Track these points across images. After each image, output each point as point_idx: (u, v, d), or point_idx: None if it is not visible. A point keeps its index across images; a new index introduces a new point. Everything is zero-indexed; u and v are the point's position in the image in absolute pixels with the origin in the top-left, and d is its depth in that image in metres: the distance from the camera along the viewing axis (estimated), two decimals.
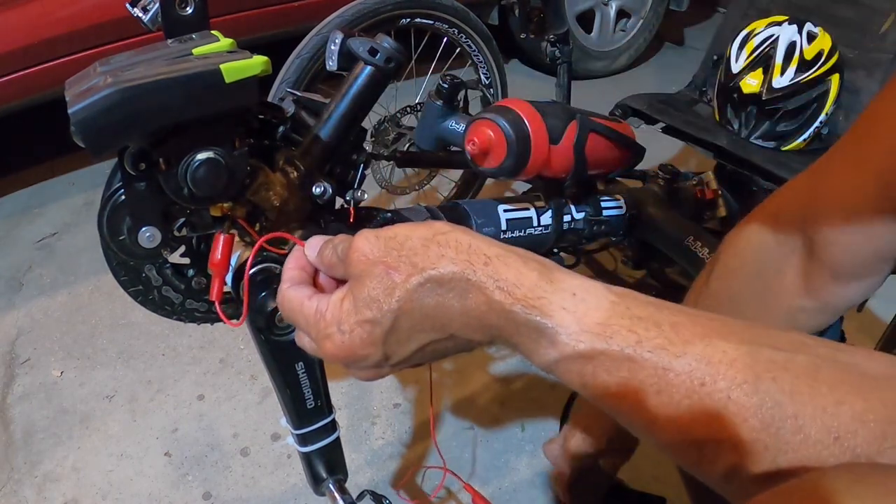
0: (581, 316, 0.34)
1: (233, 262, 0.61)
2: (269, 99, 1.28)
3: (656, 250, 1.10)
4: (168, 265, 0.66)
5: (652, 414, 0.33)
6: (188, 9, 0.61)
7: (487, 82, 1.58)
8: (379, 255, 0.39)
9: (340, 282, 0.44)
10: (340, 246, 0.43)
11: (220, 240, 0.59)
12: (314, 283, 0.47)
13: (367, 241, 0.40)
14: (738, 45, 1.31)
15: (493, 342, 0.38)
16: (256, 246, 0.51)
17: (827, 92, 1.25)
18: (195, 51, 0.51)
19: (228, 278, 0.61)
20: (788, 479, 0.29)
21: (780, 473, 0.29)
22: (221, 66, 0.48)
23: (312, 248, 0.46)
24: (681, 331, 0.33)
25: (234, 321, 0.59)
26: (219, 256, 0.58)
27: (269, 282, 0.63)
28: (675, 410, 0.32)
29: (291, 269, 0.47)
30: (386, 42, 0.62)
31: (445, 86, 0.93)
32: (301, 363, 0.68)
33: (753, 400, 0.30)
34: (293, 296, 0.44)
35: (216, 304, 0.58)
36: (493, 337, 0.38)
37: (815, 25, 1.28)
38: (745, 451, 0.30)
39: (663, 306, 0.35)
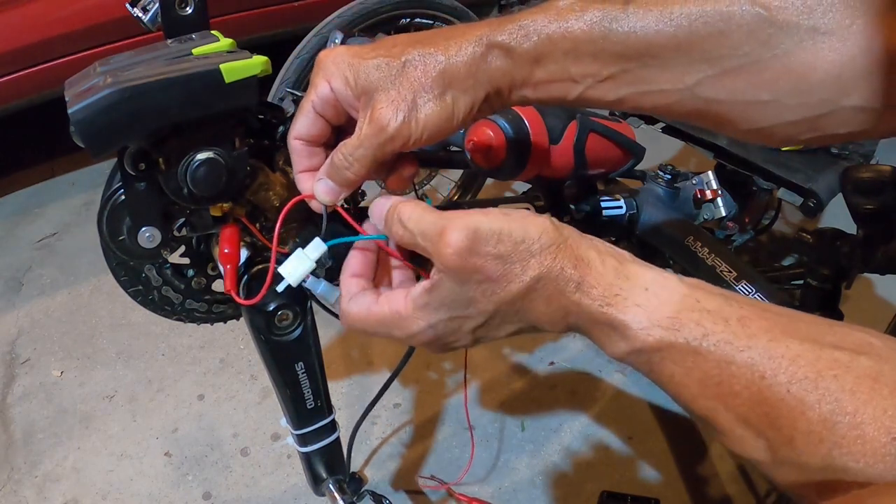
0: (652, 311, 0.36)
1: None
2: (269, 99, 1.28)
3: (656, 250, 1.10)
4: (168, 265, 0.66)
5: (712, 402, 0.34)
6: (188, 9, 0.61)
7: None
8: (474, 256, 0.38)
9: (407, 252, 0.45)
10: (424, 230, 0.41)
11: (226, 233, 0.59)
12: (374, 275, 0.47)
13: (461, 239, 0.38)
14: None
15: (570, 331, 0.41)
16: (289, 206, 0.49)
17: None
18: (195, 51, 0.51)
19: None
20: (840, 474, 0.29)
21: (833, 467, 0.30)
22: (221, 66, 0.48)
23: (378, 216, 0.45)
24: (747, 325, 0.34)
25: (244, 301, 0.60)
26: (227, 249, 0.59)
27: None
28: (734, 400, 0.33)
29: (347, 278, 0.47)
30: None
31: None
32: (301, 363, 0.68)
33: (813, 395, 0.31)
34: (357, 309, 0.45)
35: (232, 292, 0.58)
36: (571, 328, 0.40)
37: None
38: (801, 442, 0.31)
39: (733, 299, 0.36)
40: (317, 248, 0.48)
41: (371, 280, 0.48)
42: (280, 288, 0.49)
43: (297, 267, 0.48)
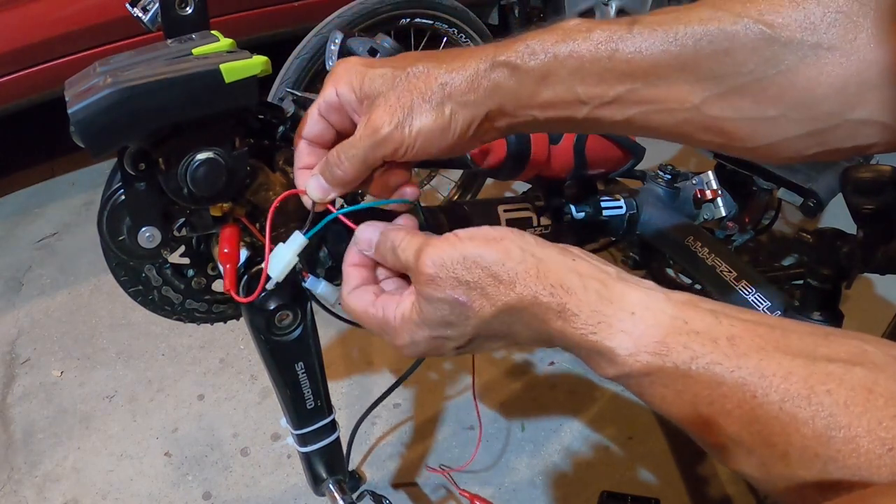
0: (639, 336, 0.36)
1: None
2: (269, 99, 1.28)
3: (656, 250, 1.10)
4: (168, 265, 0.66)
5: (704, 422, 0.34)
6: (188, 9, 0.61)
7: None
8: (448, 283, 0.40)
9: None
10: (404, 254, 0.43)
11: (226, 233, 0.59)
12: (374, 272, 0.48)
13: (433, 267, 0.40)
14: None
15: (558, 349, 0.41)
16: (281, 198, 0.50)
17: None
18: (195, 51, 0.51)
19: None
20: (838, 487, 0.29)
21: (830, 481, 0.30)
22: (221, 66, 0.48)
23: (366, 243, 0.47)
24: (737, 344, 0.34)
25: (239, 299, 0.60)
26: (227, 249, 0.59)
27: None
28: (726, 419, 0.33)
29: (348, 267, 0.48)
30: (386, 42, 0.62)
31: None
32: (301, 363, 0.68)
33: (806, 411, 0.30)
34: (356, 304, 0.46)
35: (232, 291, 0.58)
36: (557, 347, 0.40)
37: None
38: (795, 458, 0.31)
39: (723, 315, 0.35)
40: (296, 241, 0.49)
41: (372, 269, 0.48)
42: (269, 285, 0.50)
43: (279, 262, 0.49)
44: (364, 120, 0.44)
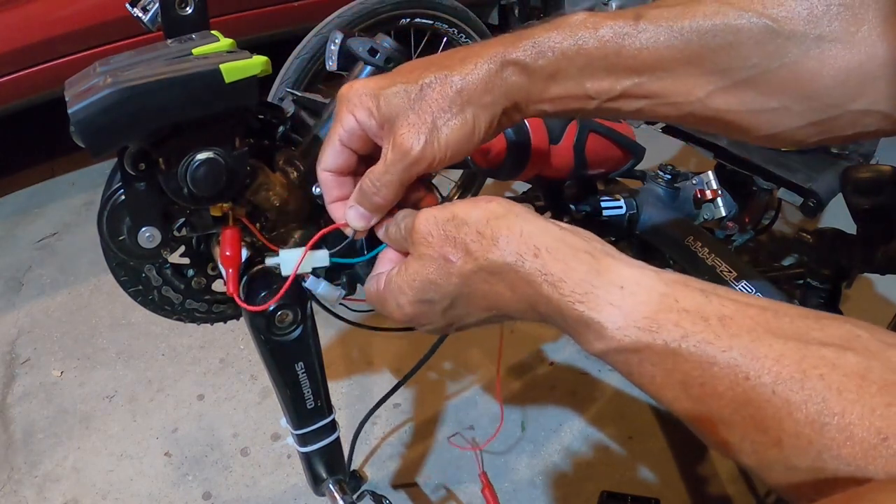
0: (628, 311, 0.35)
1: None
2: (269, 99, 1.28)
3: (656, 250, 1.10)
4: (168, 265, 0.66)
5: (694, 404, 0.33)
6: (188, 9, 0.61)
7: None
8: (436, 238, 0.41)
9: None
10: (403, 223, 0.45)
11: (228, 235, 0.59)
12: None
13: (425, 223, 0.42)
14: None
15: (545, 322, 0.40)
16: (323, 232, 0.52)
17: None
18: (195, 51, 0.51)
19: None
20: (832, 475, 0.29)
21: (824, 469, 0.29)
22: (221, 66, 0.48)
23: (381, 227, 0.49)
24: (728, 325, 0.33)
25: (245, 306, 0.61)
26: (229, 252, 0.59)
27: (269, 281, 0.63)
28: (717, 402, 0.32)
29: (379, 257, 0.50)
30: (386, 42, 0.62)
31: None
32: (301, 363, 0.68)
33: (799, 396, 0.30)
34: (366, 289, 0.49)
35: (235, 296, 0.58)
36: (544, 320, 0.39)
37: None
38: (788, 444, 0.30)
39: (714, 295, 0.35)
40: (322, 259, 0.53)
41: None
42: (268, 262, 0.55)
43: (293, 262, 0.53)
44: (389, 144, 0.44)
